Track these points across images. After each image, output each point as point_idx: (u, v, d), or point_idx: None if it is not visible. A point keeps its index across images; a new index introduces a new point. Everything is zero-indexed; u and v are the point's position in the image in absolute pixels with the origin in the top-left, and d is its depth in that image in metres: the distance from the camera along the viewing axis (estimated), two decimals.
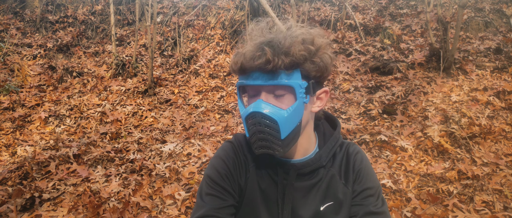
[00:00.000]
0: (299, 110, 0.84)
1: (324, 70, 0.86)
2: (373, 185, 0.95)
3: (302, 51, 0.81)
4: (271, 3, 6.48)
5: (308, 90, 0.84)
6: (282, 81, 0.81)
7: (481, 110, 3.72)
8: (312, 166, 0.92)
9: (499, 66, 4.50)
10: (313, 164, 0.92)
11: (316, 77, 0.86)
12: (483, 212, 2.49)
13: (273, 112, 0.82)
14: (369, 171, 0.97)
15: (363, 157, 0.98)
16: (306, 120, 0.89)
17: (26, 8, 6.82)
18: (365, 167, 0.97)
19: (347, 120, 3.88)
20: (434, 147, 3.26)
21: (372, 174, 0.97)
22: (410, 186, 2.83)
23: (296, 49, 0.80)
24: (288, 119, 0.82)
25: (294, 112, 0.83)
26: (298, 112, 0.84)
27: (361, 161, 0.97)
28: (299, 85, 0.82)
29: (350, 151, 0.98)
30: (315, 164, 0.92)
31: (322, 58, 0.84)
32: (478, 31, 5.57)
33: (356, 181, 0.94)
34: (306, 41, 0.83)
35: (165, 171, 3.11)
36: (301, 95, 0.83)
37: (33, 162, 3.26)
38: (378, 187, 0.96)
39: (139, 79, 5.21)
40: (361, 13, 6.41)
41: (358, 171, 0.95)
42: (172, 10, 6.86)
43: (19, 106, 4.50)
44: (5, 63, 5.21)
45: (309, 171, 0.92)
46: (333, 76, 4.92)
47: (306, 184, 0.92)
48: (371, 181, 0.96)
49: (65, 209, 2.68)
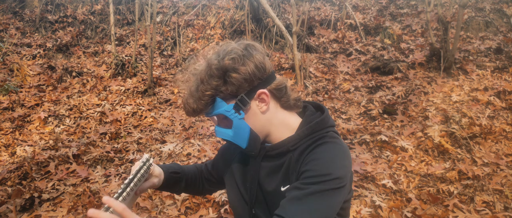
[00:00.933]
0: (241, 125, 0.97)
1: (244, 81, 0.95)
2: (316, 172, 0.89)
3: (208, 90, 0.95)
4: (271, 3, 6.47)
5: (238, 107, 0.96)
6: (212, 114, 0.99)
7: (482, 110, 3.71)
8: (277, 150, 1.01)
9: (499, 66, 4.49)
10: (278, 148, 1.01)
11: (242, 91, 0.96)
12: (483, 212, 2.49)
13: (223, 133, 1.01)
14: (323, 159, 0.91)
15: (327, 147, 0.94)
16: (260, 123, 1.00)
17: (26, 8, 6.81)
18: (320, 155, 0.92)
19: (347, 120, 3.87)
20: (435, 147, 3.26)
21: (324, 162, 0.91)
22: (410, 186, 2.82)
23: (203, 90, 0.95)
24: (236, 135, 0.98)
25: (237, 129, 0.98)
26: (242, 126, 0.98)
27: (321, 149, 0.94)
28: (224, 110, 0.97)
29: (320, 141, 0.97)
30: (280, 148, 1.01)
31: (235, 76, 0.94)
32: (479, 31, 5.56)
33: (304, 162, 0.94)
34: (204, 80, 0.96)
35: None
36: (233, 116, 0.97)
37: (33, 162, 3.25)
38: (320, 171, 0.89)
39: (138, 79, 5.21)
40: (361, 13, 6.40)
41: (311, 155, 0.94)
42: (171, 10, 6.85)
43: (19, 106, 4.49)
44: (4, 63, 5.20)
45: (275, 154, 1.02)
46: (333, 76, 4.92)
47: (270, 164, 1.04)
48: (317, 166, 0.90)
49: (65, 209, 2.67)
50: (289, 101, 1.03)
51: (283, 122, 1.03)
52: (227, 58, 0.94)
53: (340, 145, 0.97)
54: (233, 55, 0.94)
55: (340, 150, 0.95)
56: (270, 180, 1.04)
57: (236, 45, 0.97)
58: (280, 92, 1.01)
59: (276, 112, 1.02)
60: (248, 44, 0.98)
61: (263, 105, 0.99)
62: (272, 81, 1.00)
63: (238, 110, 0.97)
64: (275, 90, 1.00)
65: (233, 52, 0.95)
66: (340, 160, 0.93)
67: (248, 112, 0.98)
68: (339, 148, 0.96)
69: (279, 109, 1.03)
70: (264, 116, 1.00)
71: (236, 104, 0.96)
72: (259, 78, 0.96)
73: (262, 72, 0.96)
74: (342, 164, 0.92)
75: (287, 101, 1.03)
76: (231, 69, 0.93)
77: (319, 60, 5.39)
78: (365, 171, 2.97)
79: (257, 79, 0.96)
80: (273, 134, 1.03)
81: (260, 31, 5.99)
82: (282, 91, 1.02)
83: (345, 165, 0.94)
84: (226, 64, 0.93)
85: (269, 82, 0.99)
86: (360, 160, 3.12)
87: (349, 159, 0.97)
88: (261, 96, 0.98)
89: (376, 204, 2.59)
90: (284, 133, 1.02)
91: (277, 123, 1.02)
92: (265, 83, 0.98)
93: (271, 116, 1.01)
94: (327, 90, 4.57)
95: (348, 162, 0.96)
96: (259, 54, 0.97)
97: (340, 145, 0.97)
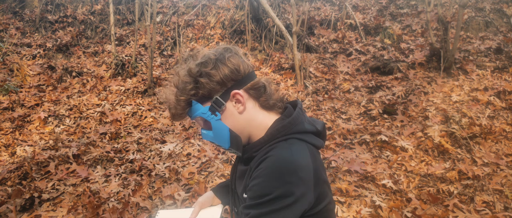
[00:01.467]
0: (219, 126, 1.00)
1: (216, 84, 0.98)
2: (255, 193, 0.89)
3: (182, 95, 0.99)
4: (271, 3, 6.47)
5: (213, 109, 0.99)
6: (192, 117, 1.03)
7: (482, 110, 3.71)
8: (246, 154, 1.03)
9: (499, 66, 4.49)
10: (246, 152, 1.03)
11: (215, 93, 0.99)
12: (483, 212, 2.49)
13: (205, 135, 1.04)
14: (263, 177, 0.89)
15: (271, 162, 0.90)
16: (239, 123, 1.01)
17: (26, 8, 6.81)
18: (262, 172, 0.89)
19: (347, 120, 3.87)
20: (435, 147, 3.26)
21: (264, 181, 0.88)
22: (410, 186, 2.82)
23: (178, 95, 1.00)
24: (216, 136, 1.01)
25: (217, 130, 1.00)
26: (220, 127, 1.00)
27: (264, 164, 0.90)
28: (201, 113, 1.00)
29: (269, 152, 0.94)
30: (247, 152, 1.03)
31: (207, 80, 0.97)
32: (479, 31, 5.56)
33: (251, 177, 0.95)
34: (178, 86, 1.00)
35: (164, 171, 3.10)
36: (210, 117, 1.00)
37: (33, 162, 3.25)
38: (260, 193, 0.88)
39: (138, 79, 5.21)
40: (361, 13, 6.40)
41: (255, 173, 0.93)
42: (171, 10, 6.85)
43: (19, 106, 4.49)
44: (4, 63, 5.20)
45: (245, 158, 1.04)
46: (333, 76, 4.92)
47: (241, 168, 1.07)
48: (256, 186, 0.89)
49: (65, 209, 2.67)
50: (268, 100, 1.02)
51: (262, 123, 1.02)
52: (197, 63, 0.98)
53: (290, 156, 0.89)
54: (203, 60, 0.98)
55: (286, 163, 0.87)
56: (239, 184, 1.08)
57: (212, 50, 1.02)
58: (258, 92, 1.01)
59: (255, 112, 1.02)
60: (225, 48, 1.01)
61: (239, 105, 1.00)
62: (249, 82, 1.01)
63: (214, 111, 1.00)
64: (251, 90, 1.01)
65: (204, 56, 0.99)
66: (283, 175, 0.86)
67: (224, 112, 1.00)
68: (286, 160, 0.88)
69: (258, 109, 1.03)
70: (242, 116, 1.01)
71: (211, 106, 0.99)
72: (233, 79, 0.98)
73: (235, 74, 0.98)
74: (285, 180, 0.86)
75: (266, 100, 1.02)
76: (201, 74, 0.97)
77: (319, 60, 5.39)
78: (365, 171, 2.97)
79: (230, 81, 0.98)
80: (253, 135, 1.04)
81: (260, 31, 5.98)
82: (259, 90, 1.01)
83: (291, 180, 0.86)
84: (194, 69, 0.97)
85: (245, 82, 1.00)
86: (360, 160, 3.12)
87: (300, 171, 0.87)
88: (236, 97, 0.99)
89: (376, 204, 2.59)
90: (260, 135, 1.02)
91: (256, 124, 1.02)
92: (240, 84, 0.99)
93: (249, 116, 1.01)
94: (327, 90, 4.57)
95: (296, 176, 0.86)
96: (234, 57, 0.99)
97: (290, 156, 0.89)
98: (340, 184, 2.83)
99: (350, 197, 2.70)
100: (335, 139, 3.48)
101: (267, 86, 1.04)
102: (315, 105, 4.22)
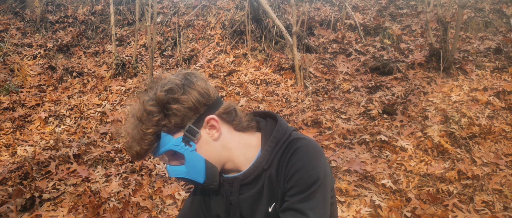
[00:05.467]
0: (193, 157, 0.91)
1: (189, 110, 0.89)
2: (302, 181, 0.89)
3: (149, 128, 0.88)
4: (271, 3, 6.48)
5: (187, 139, 0.90)
6: (159, 152, 0.91)
7: (481, 110, 3.72)
8: (253, 174, 0.96)
9: (499, 66, 4.50)
10: (254, 171, 0.96)
11: (188, 121, 0.90)
12: (483, 212, 2.49)
13: (176, 171, 0.93)
14: (302, 167, 0.90)
15: (300, 154, 0.92)
16: (215, 151, 0.94)
17: (26, 8, 6.82)
18: (298, 164, 0.91)
19: (347, 120, 3.88)
20: (434, 147, 3.26)
21: (306, 170, 0.90)
22: (410, 186, 2.83)
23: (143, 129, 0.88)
24: (190, 170, 0.91)
25: (190, 163, 0.91)
26: (195, 159, 0.91)
27: (296, 158, 0.91)
28: (173, 145, 0.89)
29: (291, 149, 0.94)
30: (255, 171, 0.96)
31: (176, 107, 0.88)
32: (478, 31, 5.57)
33: (286, 178, 0.92)
34: (142, 118, 0.89)
35: (165, 171, 3.11)
36: (183, 149, 0.89)
37: (33, 162, 3.26)
38: (308, 183, 0.89)
39: (139, 79, 5.22)
40: (361, 13, 6.41)
41: (290, 168, 0.92)
42: (172, 10, 6.87)
43: (19, 106, 4.50)
44: (5, 63, 5.21)
45: (252, 179, 0.97)
46: (333, 77, 4.93)
47: (252, 193, 0.98)
48: (301, 177, 0.90)
49: (65, 209, 2.68)
50: (241, 123, 0.99)
51: (241, 143, 0.98)
52: (164, 89, 0.88)
53: (308, 143, 0.94)
54: (170, 86, 0.88)
55: (311, 149, 0.92)
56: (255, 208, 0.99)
57: (173, 76, 0.93)
58: (230, 116, 0.97)
59: (231, 136, 0.97)
60: (187, 73, 0.94)
61: (214, 132, 0.94)
62: (220, 106, 0.96)
63: (188, 141, 0.90)
64: (224, 114, 0.96)
65: (170, 83, 0.89)
66: (316, 159, 0.91)
67: (199, 141, 0.92)
68: (309, 146, 0.93)
69: (234, 132, 0.98)
70: (218, 143, 0.94)
71: (184, 136, 0.90)
72: (205, 104, 0.92)
73: (206, 98, 0.92)
74: (318, 162, 0.91)
75: (240, 123, 0.99)
76: (171, 100, 0.87)
77: (319, 60, 5.40)
78: (364, 170, 2.98)
79: (203, 106, 0.91)
80: (235, 158, 0.98)
81: (260, 32, 6.00)
82: (231, 114, 0.97)
83: (321, 160, 0.92)
84: (163, 96, 0.87)
85: (216, 107, 0.95)
86: (360, 159, 3.13)
87: (319, 150, 0.94)
88: (210, 123, 0.93)
89: (375, 204, 2.60)
90: (247, 154, 0.98)
91: (235, 146, 0.97)
92: (212, 109, 0.93)
93: (225, 141, 0.96)
94: (327, 90, 4.58)
95: (320, 153, 0.93)
96: (200, 81, 0.92)
97: (308, 143, 0.94)
98: (339, 183, 2.83)
99: (349, 196, 2.71)
100: (334, 139, 3.49)
101: (237, 109, 1.00)
102: (315, 105, 4.23)
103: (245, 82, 5.01)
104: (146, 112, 0.89)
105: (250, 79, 5.10)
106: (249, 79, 5.09)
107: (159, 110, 0.88)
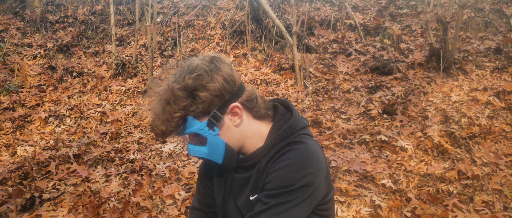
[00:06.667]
0: (216, 141, 0.95)
1: (215, 98, 0.92)
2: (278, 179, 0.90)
3: (177, 112, 0.91)
4: (271, 3, 6.48)
5: (211, 124, 0.94)
6: (184, 133, 0.95)
7: (481, 109, 3.72)
8: (250, 161, 1.01)
9: (499, 66, 4.50)
10: (251, 159, 1.01)
11: (213, 107, 0.93)
12: (483, 212, 2.49)
13: (197, 151, 0.97)
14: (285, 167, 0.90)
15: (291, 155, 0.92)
16: (234, 136, 0.98)
17: (26, 8, 6.82)
18: (283, 163, 0.91)
19: (347, 120, 3.88)
20: (434, 147, 3.26)
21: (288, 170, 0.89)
22: (410, 186, 2.83)
23: (171, 112, 0.91)
24: (211, 152, 0.96)
25: (212, 145, 0.95)
26: (217, 142, 0.95)
27: (285, 157, 0.92)
28: (198, 129, 0.93)
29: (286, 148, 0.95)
30: (252, 159, 1.01)
31: (206, 94, 0.90)
32: (478, 31, 5.57)
33: (269, 173, 0.94)
34: (170, 101, 0.91)
35: (165, 171, 3.11)
36: (207, 133, 0.94)
37: (33, 162, 3.26)
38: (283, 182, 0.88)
39: (139, 79, 5.22)
40: (361, 13, 6.41)
41: (275, 165, 0.93)
42: (172, 10, 6.87)
43: (19, 106, 4.50)
44: (5, 63, 5.21)
45: (248, 165, 1.02)
46: (333, 77, 4.93)
47: (243, 176, 1.04)
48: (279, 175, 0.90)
49: (65, 209, 2.68)
50: (260, 111, 1.02)
51: (256, 132, 1.01)
52: (193, 77, 0.90)
53: (308, 149, 0.93)
54: (198, 72, 0.90)
55: (307, 155, 0.92)
56: (242, 191, 1.04)
57: (200, 61, 0.94)
58: (252, 103, 0.99)
59: (249, 123, 1.00)
60: (213, 57, 0.95)
61: (236, 118, 0.97)
62: (243, 93, 0.98)
63: (212, 126, 0.94)
64: (246, 102, 0.98)
65: (198, 68, 0.91)
66: (306, 166, 0.90)
67: (222, 127, 0.96)
68: (306, 152, 0.92)
69: (252, 120, 1.01)
70: (238, 129, 0.98)
71: (209, 121, 0.93)
72: (230, 92, 0.94)
73: (232, 85, 0.94)
74: (307, 171, 0.89)
75: (259, 111, 1.01)
76: (199, 87, 0.90)
77: (319, 60, 5.40)
78: (364, 170, 2.98)
79: (228, 93, 0.94)
80: (247, 145, 1.02)
81: (260, 32, 6.00)
82: (253, 102, 1.00)
83: (312, 171, 0.90)
84: (191, 83, 0.90)
85: (240, 94, 0.97)
86: (360, 159, 3.13)
87: (318, 162, 0.92)
88: (234, 110, 0.96)
89: (375, 204, 2.60)
90: (257, 143, 1.01)
91: (250, 134, 1.00)
92: (236, 96, 0.96)
93: (244, 128, 0.99)
94: (327, 90, 4.58)
95: (317, 165, 0.92)
96: (226, 67, 0.94)
97: (308, 149, 0.93)
98: (339, 183, 2.83)
99: (349, 196, 2.71)
100: (334, 139, 3.49)
101: (258, 97, 1.02)
102: (315, 105, 4.23)
103: (245, 82, 5.01)
104: (174, 96, 0.91)
105: (250, 79, 5.10)
106: (249, 79, 5.09)
107: (187, 95, 0.91)
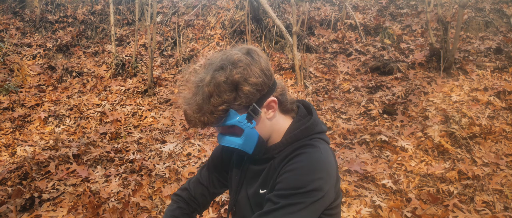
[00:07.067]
0: (252, 133, 0.97)
1: (256, 92, 0.93)
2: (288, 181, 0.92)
3: (221, 105, 0.91)
4: (271, 3, 6.47)
5: (250, 117, 0.95)
6: (224, 124, 0.96)
7: (482, 110, 3.71)
8: (266, 155, 1.03)
9: (499, 66, 4.49)
10: (267, 153, 1.03)
11: (253, 101, 0.95)
12: (483, 212, 2.49)
13: (230, 141, 0.99)
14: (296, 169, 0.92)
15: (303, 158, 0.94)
16: (266, 129, 1.01)
17: (26, 8, 6.81)
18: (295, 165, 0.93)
19: (347, 120, 3.87)
20: (435, 147, 3.26)
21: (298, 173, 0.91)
22: (410, 186, 2.82)
23: (215, 104, 0.91)
24: (245, 143, 0.98)
25: (248, 137, 0.97)
26: (252, 135, 0.97)
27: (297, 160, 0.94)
28: (237, 121, 0.94)
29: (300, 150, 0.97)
30: (267, 153, 1.03)
31: (249, 88, 0.92)
32: (479, 31, 5.57)
33: (281, 173, 0.96)
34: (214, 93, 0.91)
35: (165, 171, 3.10)
36: (245, 126, 0.95)
37: (33, 162, 3.25)
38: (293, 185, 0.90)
39: (138, 79, 5.21)
40: (361, 13, 6.40)
41: (287, 166, 0.95)
42: (172, 10, 6.86)
43: (19, 106, 4.49)
44: (4, 63, 5.20)
45: (264, 158, 1.04)
46: (333, 76, 4.92)
47: (257, 168, 1.07)
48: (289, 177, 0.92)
49: (65, 209, 2.67)
50: (287, 105, 1.05)
51: (281, 126, 1.04)
52: (237, 71, 0.91)
53: (320, 154, 0.95)
54: (242, 66, 0.91)
55: (319, 160, 0.93)
56: (253, 182, 1.08)
57: (240, 53, 0.94)
58: (284, 97, 1.03)
59: (278, 117, 1.04)
60: (249, 50, 0.96)
61: (270, 112, 1.00)
62: (276, 87, 1.00)
63: (250, 119, 0.96)
64: (280, 96, 1.01)
65: (240, 62, 0.91)
66: (316, 171, 0.91)
67: (258, 120, 0.98)
68: (318, 157, 0.94)
69: (279, 114, 1.04)
70: (270, 122, 1.01)
71: (248, 114, 0.95)
72: (268, 86, 0.96)
73: (269, 79, 0.96)
74: (317, 176, 0.91)
75: (286, 105, 1.05)
76: (243, 82, 0.91)
77: (319, 60, 5.39)
78: (365, 171, 2.98)
79: (266, 87, 0.96)
80: (272, 137, 1.04)
81: (260, 31, 5.99)
82: (284, 96, 1.03)
83: (322, 176, 0.91)
84: (237, 78, 0.91)
85: (275, 88, 0.99)
86: (360, 160, 3.13)
87: (329, 168, 0.94)
88: (270, 104, 0.98)
89: (376, 204, 2.59)
90: (277, 138, 1.04)
91: (277, 127, 1.04)
92: (272, 90, 0.98)
93: (274, 121, 1.02)
94: (327, 90, 4.58)
95: (327, 171, 0.93)
96: (263, 60, 0.95)
97: (320, 154, 0.95)
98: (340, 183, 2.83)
99: (350, 197, 2.71)
100: (335, 139, 3.48)
101: (286, 91, 1.05)
102: (315, 105, 4.22)
103: None
104: (218, 89, 0.91)
105: None
106: None
107: (232, 88, 0.92)
